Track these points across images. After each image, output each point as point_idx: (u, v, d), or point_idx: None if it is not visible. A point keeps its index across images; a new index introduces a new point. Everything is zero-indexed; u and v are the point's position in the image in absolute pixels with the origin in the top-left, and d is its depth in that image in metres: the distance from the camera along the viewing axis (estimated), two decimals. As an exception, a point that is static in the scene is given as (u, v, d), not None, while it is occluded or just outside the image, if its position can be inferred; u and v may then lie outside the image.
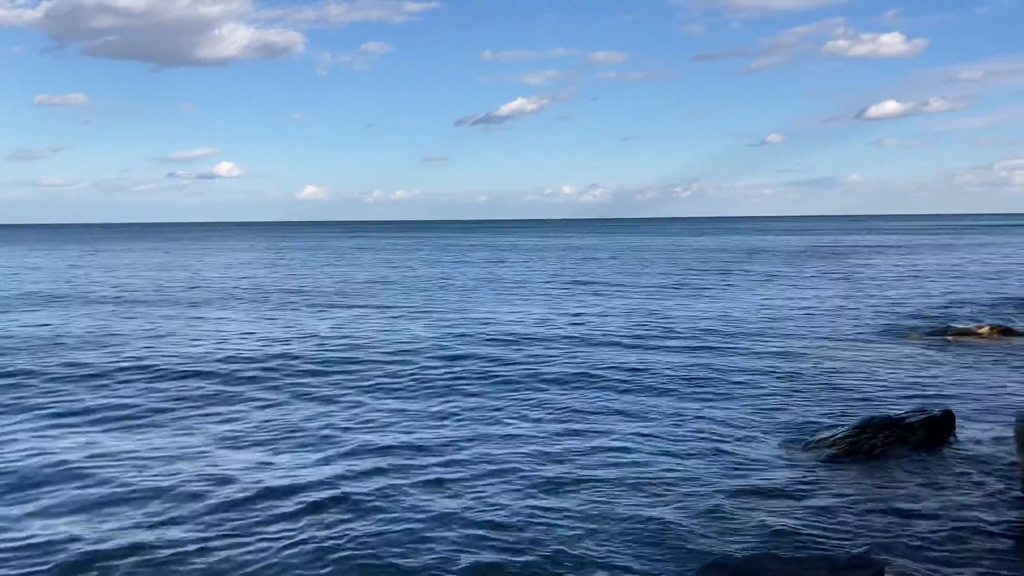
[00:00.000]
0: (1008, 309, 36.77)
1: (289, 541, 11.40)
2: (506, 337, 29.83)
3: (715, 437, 16.42)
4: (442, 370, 23.56)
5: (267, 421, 18.16)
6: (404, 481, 13.85)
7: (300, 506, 12.73)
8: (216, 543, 11.27)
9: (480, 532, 11.65)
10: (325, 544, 11.29)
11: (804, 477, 13.96)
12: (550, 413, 18.65)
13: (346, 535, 11.60)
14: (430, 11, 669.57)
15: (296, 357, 26.08)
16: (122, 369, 24.09)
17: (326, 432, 17.12)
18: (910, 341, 28.48)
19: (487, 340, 29.22)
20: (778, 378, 22.13)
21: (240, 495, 13.23)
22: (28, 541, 11.39)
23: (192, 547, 11.14)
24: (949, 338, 28.67)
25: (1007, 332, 29.07)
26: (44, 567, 10.58)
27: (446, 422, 17.89)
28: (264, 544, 11.31)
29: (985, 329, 29.38)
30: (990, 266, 67.00)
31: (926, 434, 15.63)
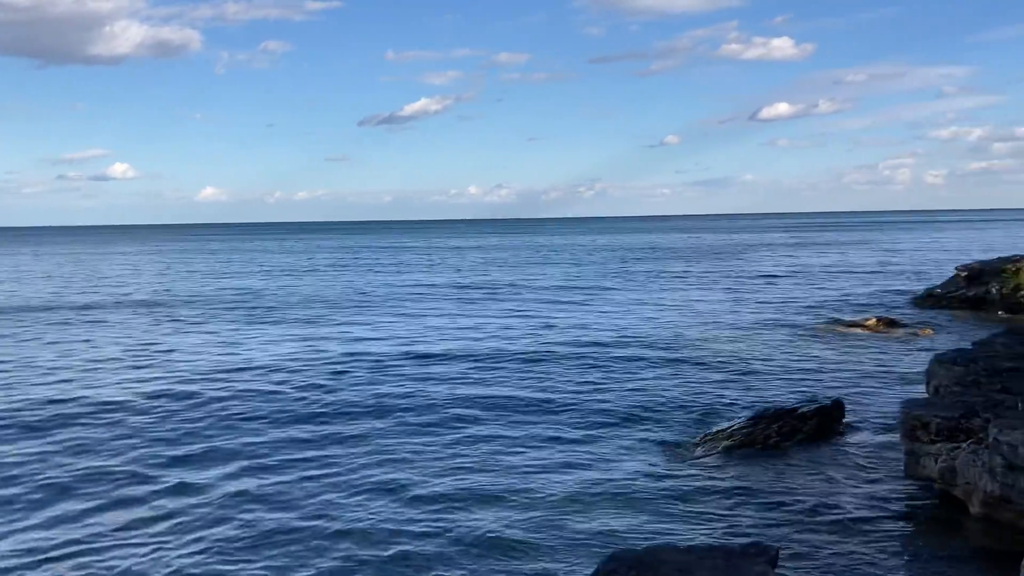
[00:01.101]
0: (893, 302, 38.47)
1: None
2: (402, 354, 26.21)
3: (615, 432, 16.59)
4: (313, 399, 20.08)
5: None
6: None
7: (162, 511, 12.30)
8: None
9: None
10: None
11: (702, 469, 14.23)
12: (446, 431, 18.51)
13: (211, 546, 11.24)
14: (331, 10, 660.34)
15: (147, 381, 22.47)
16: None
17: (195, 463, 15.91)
18: (802, 334, 29.44)
19: (376, 361, 25.02)
20: (675, 374, 22.53)
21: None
22: None
23: None
24: (839, 331, 29.79)
25: (892, 324, 30.40)
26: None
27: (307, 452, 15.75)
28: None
29: (872, 321, 30.65)
30: (875, 261, 70.08)
31: (818, 424, 16.13)
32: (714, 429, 16.43)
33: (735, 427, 16.18)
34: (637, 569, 7.11)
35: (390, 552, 11.01)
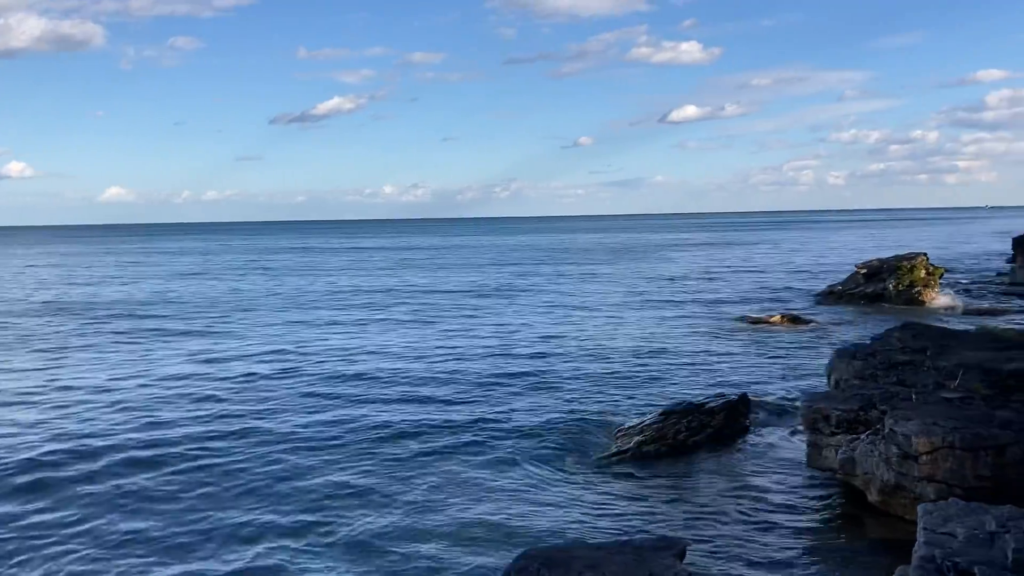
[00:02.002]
0: (797, 298, 39.71)
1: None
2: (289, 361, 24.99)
3: (526, 432, 16.61)
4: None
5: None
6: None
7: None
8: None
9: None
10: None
11: (613, 466, 14.38)
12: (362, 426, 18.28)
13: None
14: (242, 6, 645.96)
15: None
16: None
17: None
18: (711, 331, 30.10)
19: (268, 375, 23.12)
20: (586, 373, 22.73)
21: None
22: None
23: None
24: (745, 327, 30.58)
25: (795, 320, 31.37)
26: None
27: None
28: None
29: (776, 318, 31.57)
30: (780, 259, 72.25)
31: (725, 418, 16.48)
32: (625, 426, 16.62)
33: (646, 423, 16.39)
34: (548, 566, 7.12)
35: (294, 554, 10.80)
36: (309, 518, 12.08)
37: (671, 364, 23.73)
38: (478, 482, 13.50)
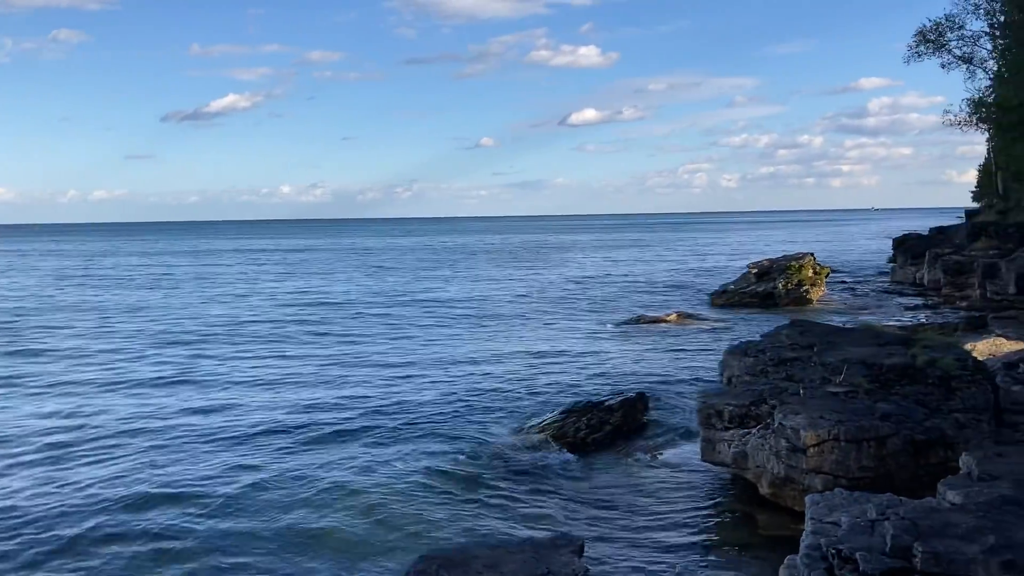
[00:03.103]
0: (692, 297, 40.75)
1: None
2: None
3: (428, 433, 16.51)
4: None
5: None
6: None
7: None
8: None
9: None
10: None
11: (513, 465, 14.41)
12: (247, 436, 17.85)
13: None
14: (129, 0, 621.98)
15: None
16: None
17: None
18: (609, 330, 30.60)
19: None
20: (487, 373, 22.78)
21: None
22: None
23: None
24: (643, 325, 31.19)
25: (690, 318, 32.20)
26: None
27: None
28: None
29: (672, 316, 32.32)
30: (676, 260, 74.04)
31: (624, 415, 16.75)
32: (526, 424, 16.72)
33: (546, 421, 16.54)
34: (447, 568, 7.07)
35: (193, 556, 10.45)
36: (200, 526, 11.71)
37: (571, 364, 23.97)
38: (378, 486, 13.32)
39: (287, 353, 26.35)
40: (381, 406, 18.73)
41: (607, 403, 17.01)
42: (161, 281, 58.33)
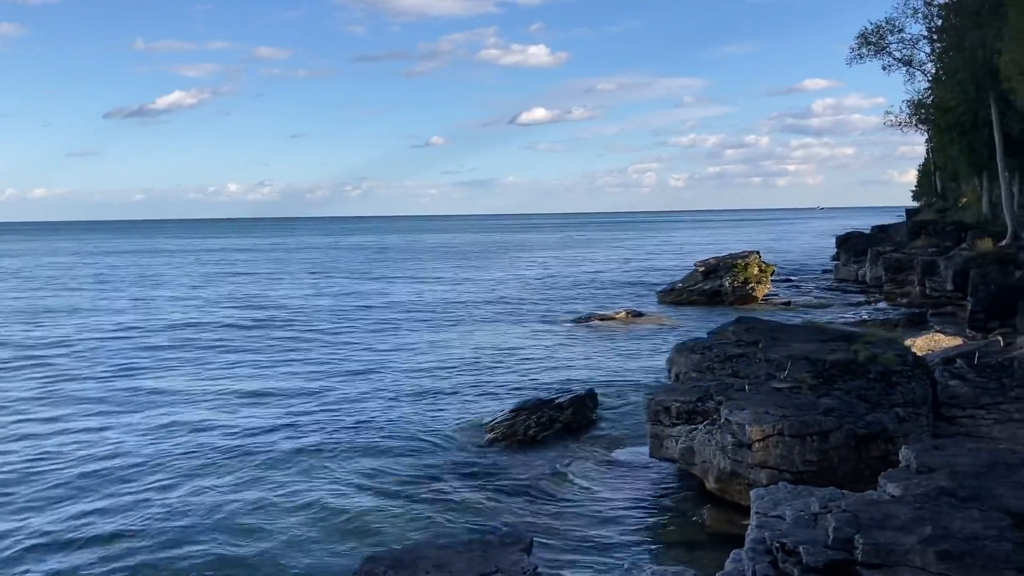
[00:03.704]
0: (641, 295, 41.09)
1: None
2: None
3: (376, 432, 16.42)
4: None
5: None
6: None
7: None
8: None
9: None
10: None
11: (463, 464, 14.38)
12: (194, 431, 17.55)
13: None
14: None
15: None
16: None
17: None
18: (559, 328, 30.71)
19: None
20: (437, 372, 22.70)
21: None
22: None
23: None
24: (593, 324, 31.36)
25: (639, 315, 32.46)
26: None
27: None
28: None
29: (621, 314, 32.55)
30: (626, 258, 74.63)
31: (573, 412, 16.83)
32: (476, 424, 16.69)
33: (496, 420, 16.53)
34: (395, 569, 7.02)
35: (141, 557, 10.24)
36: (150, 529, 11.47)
37: (521, 363, 24.00)
38: (325, 488, 13.19)
39: (229, 358, 25.95)
40: (327, 409, 18.54)
41: (557, 401, 17.07)
42: (93, 283, 56.73)
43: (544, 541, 10.51)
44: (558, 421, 16.45)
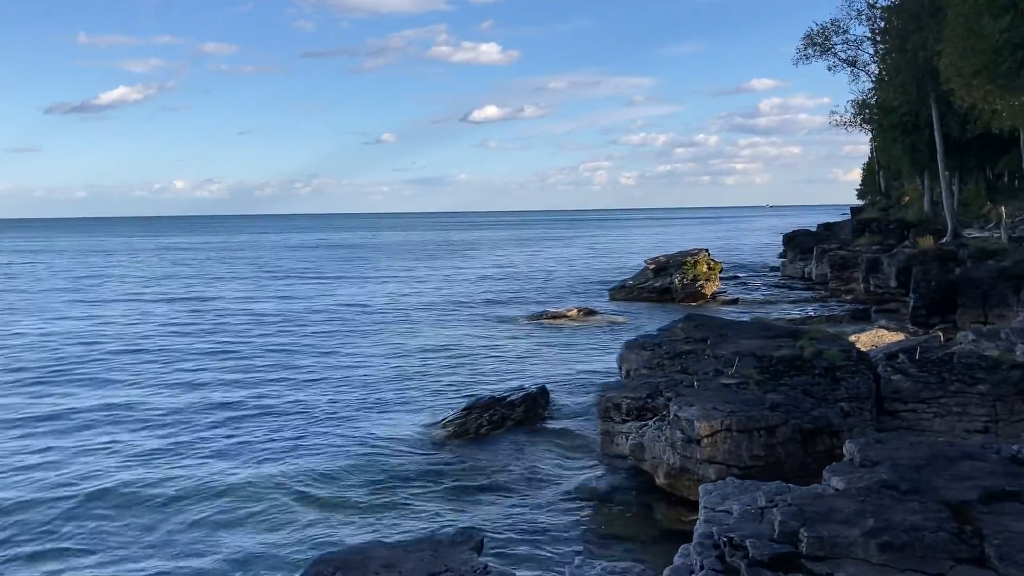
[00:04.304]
0: (592, 293, 41.30)
1: None
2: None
3: (327, 431, 16.29)
4: None
5: None
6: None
7: None
8: None
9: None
10: None
11: (414, 463, 14.31)
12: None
13: None
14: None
15: None
16: None
17: None
18: (512, 326, 30.73)
19: None
20: (389, 370, 22.58)
21: None
22: None
23: None
24: (544, 321, 31.44)
25: (591, 313, 32.63)
26: None
27: None
28: None
29: (574, 312, 32.69)
30: (577, 256, 74.94)
31: (525, 410, 16.86)
32: (428, 422, 16.63)
33: (449, 418, 16.50)
34: (343, 570, 6.95)
35: (75, 553, 10.00)
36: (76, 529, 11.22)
37: (473, 361, 23.97)
38: (275, 490, 13.03)
39: (170, 363, 25.51)
40: (277, 411, 18.31)
41: (509, 398, 17.08)
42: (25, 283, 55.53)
43: (495, 539, 10.52)
44: (510, 419, 16.47)
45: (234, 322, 32.92)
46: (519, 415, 16.66)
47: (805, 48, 43.22)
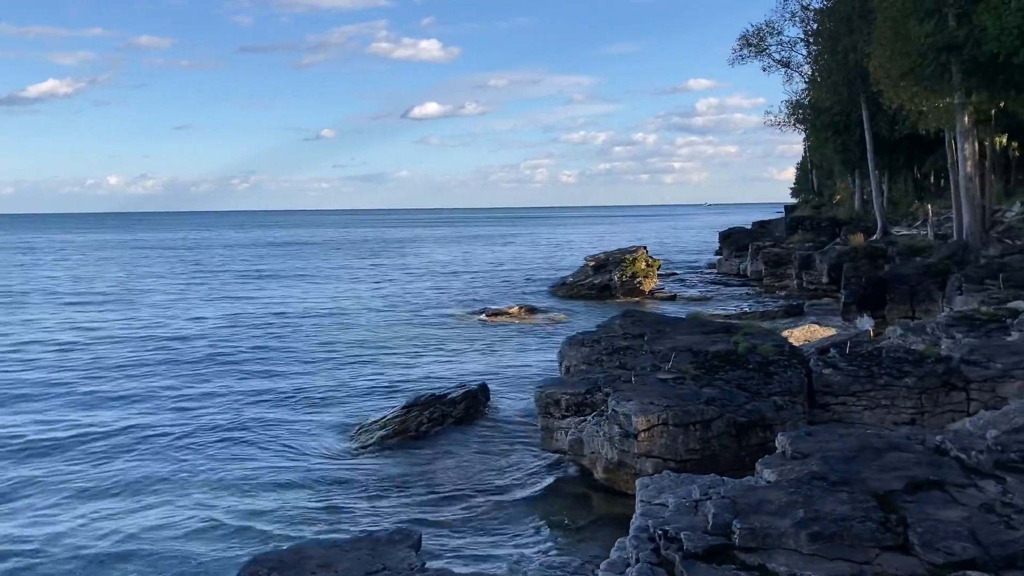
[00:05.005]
0: (533, 290, 41.45)
1: None
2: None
3: (264, 432, 16.06)
4: None
5: None
6: None
7: None
8: None
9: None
10: None
11: (352, 462, 14.20)
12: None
13: None
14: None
15: None
16: None
17: None
18: (452, 323, 30.67)
19: None
20: (327, 368, 22.35)
21: None
22: None
23: None
24: (485, 319, 31.45)
25: (532, 311, 32.75)
26: None
27: None
28: None
29: (515, 309, 32.78)
30: (518, 253, 75.11)
31: (466, 407, 16.84)
32: (368, 420, 16.50)
33: (388, 416, 16.38)
34: (279, 570, 6.84)
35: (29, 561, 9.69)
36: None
37: (414, 356, 23.88)
38: (208, 492, 12.80)
39: (98, 362, 24.89)
40: (210, 412, 17.97)
41: (449, 396, 17.04)
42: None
43: (434, 535, 10.48)
44: (450, 416, 16.43)
45: (164, 323, 32.15)
46: (460, 412, 16.64)
47: (741, 49, 44.07)
